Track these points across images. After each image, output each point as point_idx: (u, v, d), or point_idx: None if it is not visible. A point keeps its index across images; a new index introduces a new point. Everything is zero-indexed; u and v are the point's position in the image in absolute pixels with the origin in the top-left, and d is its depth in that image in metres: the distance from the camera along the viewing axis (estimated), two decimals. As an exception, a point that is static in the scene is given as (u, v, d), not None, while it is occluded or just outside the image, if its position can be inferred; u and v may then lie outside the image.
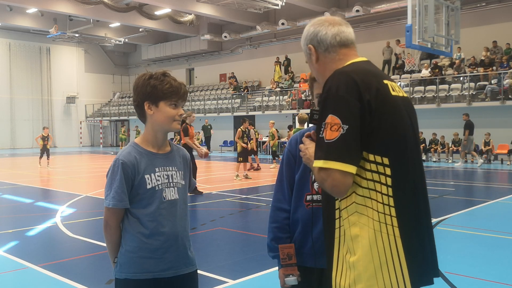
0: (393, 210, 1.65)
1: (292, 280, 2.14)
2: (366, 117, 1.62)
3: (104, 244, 2.24)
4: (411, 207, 1.70)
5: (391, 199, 1.65)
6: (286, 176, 2.29)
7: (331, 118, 1.61)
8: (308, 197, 2.21)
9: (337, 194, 1.65)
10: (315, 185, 2.20)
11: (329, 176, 1.60)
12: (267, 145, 13.53)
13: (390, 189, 1.65)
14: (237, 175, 13.59)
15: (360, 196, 1.66)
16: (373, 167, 1.65)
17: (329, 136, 1.60)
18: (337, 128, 1.59)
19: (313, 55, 1.87)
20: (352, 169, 1.60)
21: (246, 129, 14.41)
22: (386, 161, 1.65)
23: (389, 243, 1.64)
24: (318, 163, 1.63)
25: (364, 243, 1.64)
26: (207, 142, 27.16)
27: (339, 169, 1.58)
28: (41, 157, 18.65)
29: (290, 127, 12.89)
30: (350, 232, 1.67)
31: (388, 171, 1.65)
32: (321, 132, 1.64)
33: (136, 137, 3.12)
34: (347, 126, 1.59)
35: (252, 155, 15.66)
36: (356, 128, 1.60)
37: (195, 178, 2.32)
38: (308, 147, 1.80)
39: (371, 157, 1.65)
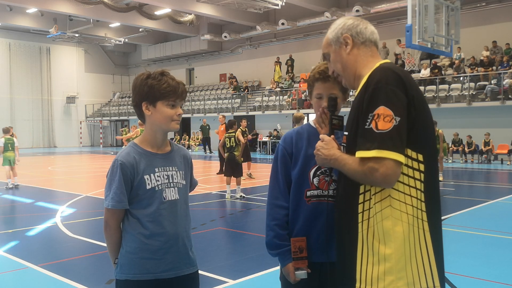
0: (423, 205, 1.72)
1: (302, 273, 2.15)
2: (411, 112, 1.69)
3: (104, 244, 2.24)
4: (436, 202, 1.79)
5: (423, 194, 1.73)
6: (281, 173, 2.28)
7: (384, 110, 1.65)
8: (309, 193, 2.22)
9: (389, 184, 1.67)
10: (315, 181, 2.21)
11: (383, 165, 1.62)
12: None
13: (422, 185, 1.73)
14: (250, 174, 13.86)
15: (395, 190, 1.70)
16: (409, 162, 1.71)
17: (382, 126, 1.64)
18: (390, 119, 1.64)
19: (348, 44, 1.91)
20: (403, 159, 1.66)
21: (246, 129, 14.60)
22: (420, 157, 1.72)
23: (419, 237, 1.71)
24: (368, 153, 1.65)
25: (398, 236, 1.69)
26: (206, 142, 27.11)
27: (394, 158, 1.62)
28: None
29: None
30: (383, 225, 1.70)
31: (422, 167, 1.72)
32: (367, 123, 1.67)
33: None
34: (399, 118, 1.64)
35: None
36: (405, 121, 1.66)
37: None
38: (330, 148, 1.86)
39: (409, 152, 1.70)
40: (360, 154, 1.68)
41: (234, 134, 10.44)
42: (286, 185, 2.27)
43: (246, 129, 14.70)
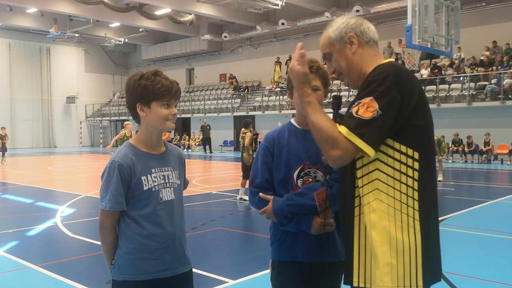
0: (416, 204, 1.71)
1: (332, 221, 2.20)
2: (403, 111, 1.68)
3: (104, 244, 2.23)
4: (433, 203, 1.77)
5: (416, 193, 1.71)
6: (261, 170, 2.29)
7: (370, 100, 1.66)
8: None
9: (334, 164, 1.70)
10: (299, 182, 2.22)
11: (344, 146, 1.64)
12: None
13: (416, 183, 1.71)
14: None
15: (384, 184, 1.70)
16: (403, 158, 1.71)
17: (362, 113, 1.65)
18: (372, 110, 1.64)
19: (354, 44, 1.89)
20: (370, 152, 1.65)
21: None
22: (416, 155, 1.72)
23: (408, 234, 1.69)
24: (339, 128, 1.67)
25: (383, 230, 1.69)
26: (207, 142, 27.12)
27: (358, 145, 1.63)
28: (3, 155, 19.67)
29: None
30: (370, 218, 1.71)
31: (416, 165, 1.72)
32: (351, 108, 1.70)
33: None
34: (381, 113, 1.64)
35: None
36: (388, 119, 1.65)
37: None
38: (304, 85, 1.80)
39: (403, 148, 1.70)
40: (337, 126, 1.71)
41: (244, 135, 10.58)
42: (267, 183, 2.27)
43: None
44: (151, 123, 2.13)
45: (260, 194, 2.25)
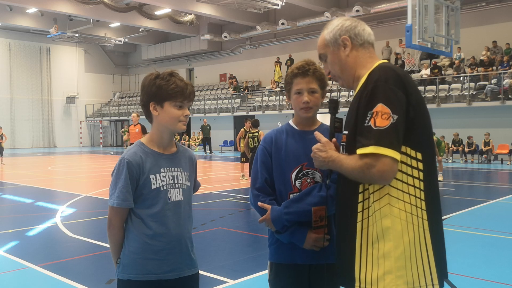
0: (423, 204, 1.72)
1: (326, 240, 2.17)
2: (409, 111, 1.69)
3: (104, 244, 2.24)
4: (437, 202, 1.79)
5: (422, 193, 1.72)
6: (261, 172, 2.28)
7: (382, 107, 1.66)
8: (292, 196, 2.22)
9: (385, 180, 1.68)
10: (297, 183, 2.22)
11: (379, 161, 1.63)
12: None
13: (422, 183, 1.72)
14: (243, 175, 13.56)
15: (393, 188, 1.71)
16: (408, 160, 1.71)
17: (380, 123, 1.65)
18: (388, 117, 1.64)
19: (347, 46, 1.90)
20: (399, 157, 1.66)
21: (249, 129, 14.44)
22: (419, 156, 1.72)
23: (419, 235, 1.71)
24: (366, 150, 1.66)
25: (397, 234, 1.69)
26: (207, 142, 27.11)
27: (390, 155, 1.63)
28: (1, 155, 19.47)
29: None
30: (382, 224, 1.71)
31: (420, 165, 1.73)
32: (366, 121, 1.68)
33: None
34: (397, 116, 1.65)
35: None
36: (403, 119, 1.67)
37: None
38: (327, 150, 1.85)
39: (408, 150, 1.71)
40: (358, 151, 1.69)
41: (257, 134, 10.59)
42: (266, 184, 2.27)
43: (250, 129, 14.59)
44: (163, 122, 2.14)
45: (259, 203, 2.24)
